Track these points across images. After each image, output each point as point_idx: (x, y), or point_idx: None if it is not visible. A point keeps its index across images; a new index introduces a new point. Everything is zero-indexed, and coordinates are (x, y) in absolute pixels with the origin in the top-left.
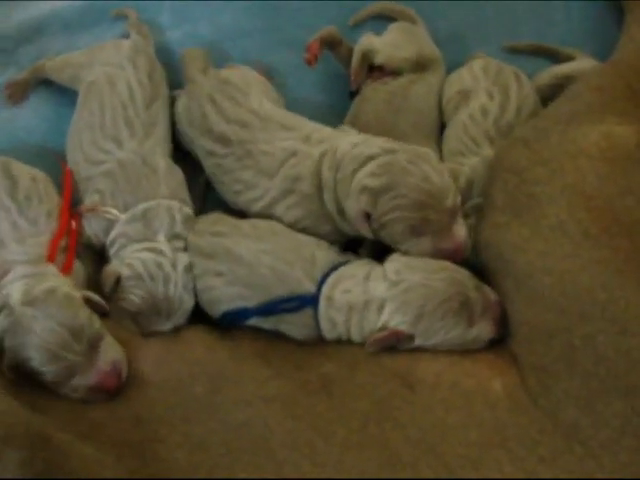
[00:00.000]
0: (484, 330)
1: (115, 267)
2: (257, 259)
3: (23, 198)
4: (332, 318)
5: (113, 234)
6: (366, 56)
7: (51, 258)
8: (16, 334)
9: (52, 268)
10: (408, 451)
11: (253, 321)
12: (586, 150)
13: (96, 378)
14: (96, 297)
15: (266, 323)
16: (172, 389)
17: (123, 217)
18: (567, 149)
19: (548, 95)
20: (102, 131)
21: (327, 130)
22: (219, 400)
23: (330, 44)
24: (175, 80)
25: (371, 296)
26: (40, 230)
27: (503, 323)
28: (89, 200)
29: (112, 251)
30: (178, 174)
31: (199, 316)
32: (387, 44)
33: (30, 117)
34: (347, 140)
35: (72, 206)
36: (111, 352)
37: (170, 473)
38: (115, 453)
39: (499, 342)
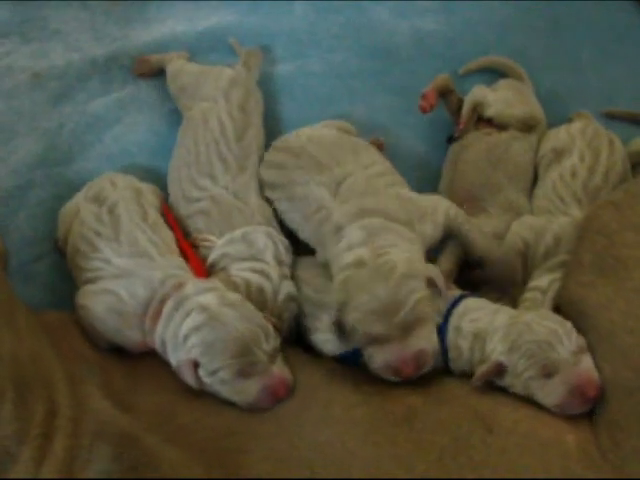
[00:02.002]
0: (555, 390)
1: (220, 282)
2: None
3: (152, 223)
4: (459, 346)
5: (212, 258)
6: (477, 107)
7: (202, 275)
8: (214, 329)
9: (220, 284)
10: None
11: None
12: None
13: (274, 380)
14: (269, 316)
15: None
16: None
17: (220, 242)
18: None
19: None
20: (197, 168)
21: (357, 188)
22: (307, 418)
23: (443, 92)
24: (284, 111)
25: (494, 327)
26: (172, 249)
27: (583, 402)
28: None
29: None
30: (268, 209)
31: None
32: (499, 99)
33: (143, 132)
34: (347, 241)
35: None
36: (284, 364)
37: None
38: (202, 459)
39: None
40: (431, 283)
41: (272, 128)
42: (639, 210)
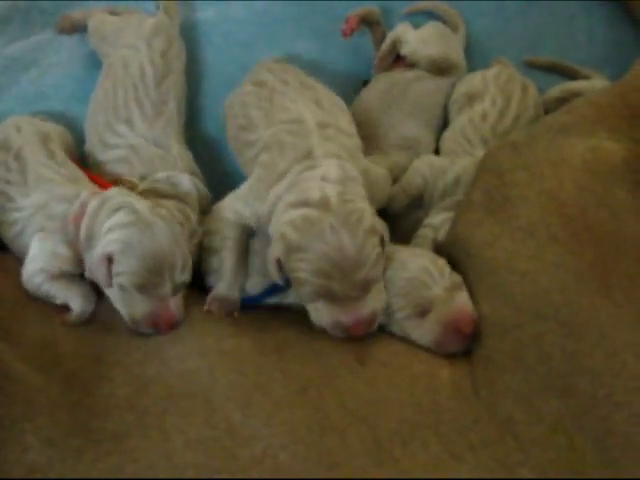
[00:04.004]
0: (430, 328)
1: None
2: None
3: (61, 161)
4: None
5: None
6: (395, 44)
7: None
8: (141, 232)
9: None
10: (340, 418)
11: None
12: (569, 160)
13: (163, 312)
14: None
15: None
16: (138, 337)
17: (143, 183)
18: (551, 156)
19: (555, 109)
20: (115, 113)
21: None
22: (178, 350)
23: (368, 22)
24: (202, 57)
25: None
26: (85, 182)
27: (459, 339)
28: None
29: None
30: (190, 157)
31: None
32: (418, 38)
33: (60, 75)
34: (322, 172)
35: None
36: (182, 302)
37: (106, 408)
38: (64, 385)
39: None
40: (382, 241)
41: (190, 73)
42: (536, 150)
